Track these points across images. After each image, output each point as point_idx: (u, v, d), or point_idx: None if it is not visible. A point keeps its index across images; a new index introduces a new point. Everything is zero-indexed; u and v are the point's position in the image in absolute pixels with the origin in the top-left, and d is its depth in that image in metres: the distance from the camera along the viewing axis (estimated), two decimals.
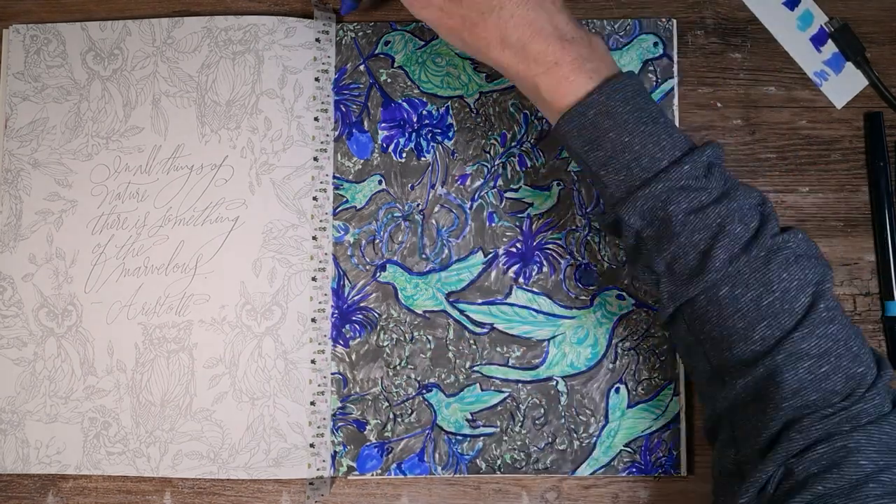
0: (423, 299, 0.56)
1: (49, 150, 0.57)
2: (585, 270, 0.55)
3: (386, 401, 0.55)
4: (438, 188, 0.56)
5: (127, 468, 0.54)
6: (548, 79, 0.40)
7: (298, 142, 0.56)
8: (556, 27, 0.41)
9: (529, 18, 0.40)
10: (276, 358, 0.54)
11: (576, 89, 0.40)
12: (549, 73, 0.40)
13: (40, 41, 0.57)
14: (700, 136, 0.57)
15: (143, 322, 0.55)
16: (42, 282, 0.56)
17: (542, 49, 0.40)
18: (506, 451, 0.54)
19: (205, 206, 0.56)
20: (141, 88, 0.57)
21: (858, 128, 0.57)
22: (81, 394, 0.55)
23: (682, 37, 0.57)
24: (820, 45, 0.57)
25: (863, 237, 0.56)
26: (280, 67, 0.56)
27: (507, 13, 0.40)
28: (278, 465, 0.54)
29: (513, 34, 0.40)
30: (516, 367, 0.55)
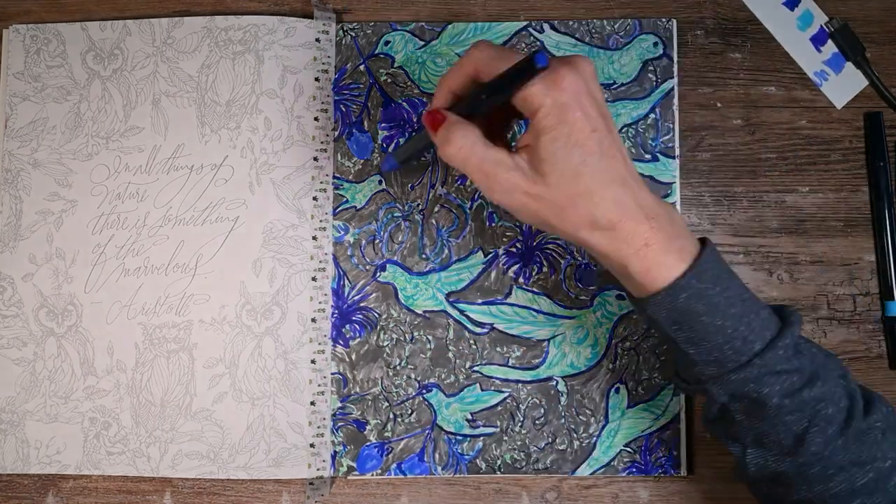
0: (423, 299, 0.56)
1: (49, 150, 0.57)
2: (585, 270, 0.55)
3: (386, 401, 0.55)
4: (438, 188, 0.56)
5: (127, 468, 0.54)
6: (638, 261, 0.40)
7: (298, 142, 0.56)
8: (641, 206, 0.40)
9: (618, 199, 0.39)
10: (276, 358, 0.54)
11: (667, 273, 0.40)
12: (639, 255, 0.40)
13: (40, 41, 0.57)
14: (700, 136, 0.57)
15: (143, 322, 0.55)
16: (42, 282, 0.56)
17: (632, 230, 0.39)
18: (506, 451, 0.55)
19: (205, 206, 0.56)
20: (141, 88, 0.57)
21: (858, 128, 0.57)
22: (81, 394, 0.55)
23: (682, 37, 0.57)
24: (820, 45, 0.57)
25: (863, 237, 0.56)
26: (280, 67, 0.56)
27: (597, 197, 0.39)
28: (278, 465, 0.54)
29: (602, 216, 0.39)
30: (516, 367, 0.55)
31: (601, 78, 0.56)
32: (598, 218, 0.39)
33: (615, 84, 0.56)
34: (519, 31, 0.57)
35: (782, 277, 0.56)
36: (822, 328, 0.56)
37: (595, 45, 0.57)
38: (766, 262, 0.56)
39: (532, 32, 0.57)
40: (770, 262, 0.56)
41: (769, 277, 0.56)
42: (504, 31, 0.57)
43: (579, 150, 0.38)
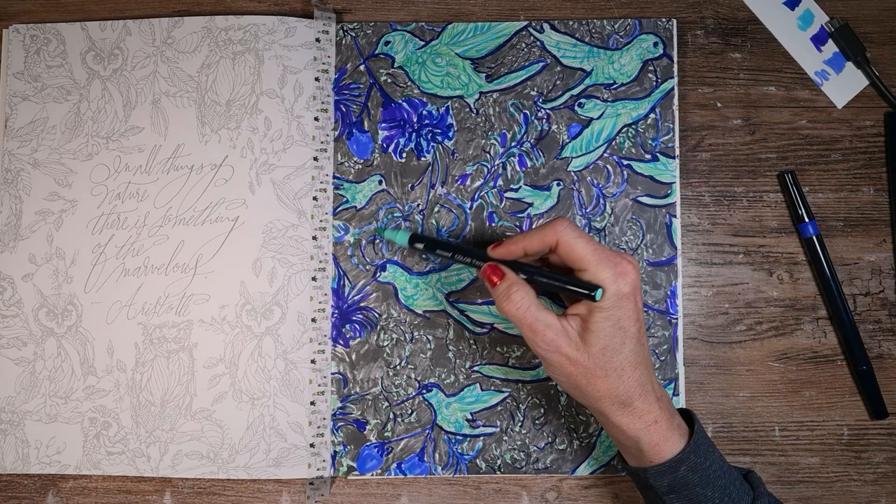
0: (423, 299, 0.56)
1: (49, 150, 0.57)
2: None
3: (386, 401, 0.55)
4: (438, 188, 0.56)
5: (127, 468, 0.54)
6: (648, 435, 0.45)
7: (298, 142, 0.56)
8: (654, 387, 0.46)
9: (640, 381, 0.45)
10: (276, 358, 0.54)
11: (671, 447, 0.45)
12: (649, 430, 0.45)
13: (40, 41, 0.57)
14: (700, 136, 0.57)
15: (143, 322, 0.55)
16: (42, 282, 0.56)
17: (646, 408, 0.45)
18: (506, 450, 0.54)
19: (205, 206, 0.56)
20: (141, 88, 0.57)
21: (859, 128, 0.57)
22: (81, 394, 0.55)
23: (682, 37, 0.57)
24: (820, 45, 0.57)
25: (862, 237, 0.56)
26: (280, 67, 0.56)
27: (626, 375, 0.45)
28: (278, 465, 0.54)
29: (625, 393, 0.45)
30: (516, 367, 0.55)
31: (602, 78, 0.56)
32: (621, 393, 0.45)
33: (615, 84, 0.56)
34: (519, 30, 0.57)
35: (782, 277, 0.56)
36: (822, 328, 0.56)
37: (595, 45, 0.57)
38: (766, 262, 0.56)
39: (532, 32, 0.57)
40: (770, 262, 0.56)
41: (769, 277, 0.56)
42: (504, 31, 0.57)
43: (623, 333, 0.45)
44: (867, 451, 0.55)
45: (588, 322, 0.45)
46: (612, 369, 0.45)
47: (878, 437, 0.55)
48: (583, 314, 0.45)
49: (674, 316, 0.55)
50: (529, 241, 0.47)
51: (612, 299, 0.44)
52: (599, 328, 0.44)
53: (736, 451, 0.55)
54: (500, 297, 0.46)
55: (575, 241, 0.45)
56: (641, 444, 0.45)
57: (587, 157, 0.56)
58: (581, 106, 0.56)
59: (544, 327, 0.45)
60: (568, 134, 0.56)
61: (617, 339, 0.44)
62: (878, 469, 0.55)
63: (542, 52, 0.57)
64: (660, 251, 0.55)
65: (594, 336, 0.44)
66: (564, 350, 0.45)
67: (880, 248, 0.56)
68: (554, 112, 0.56)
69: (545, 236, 0.46)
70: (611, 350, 0.44)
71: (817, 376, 0.56)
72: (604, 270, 0.45)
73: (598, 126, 0.56)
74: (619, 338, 0.45)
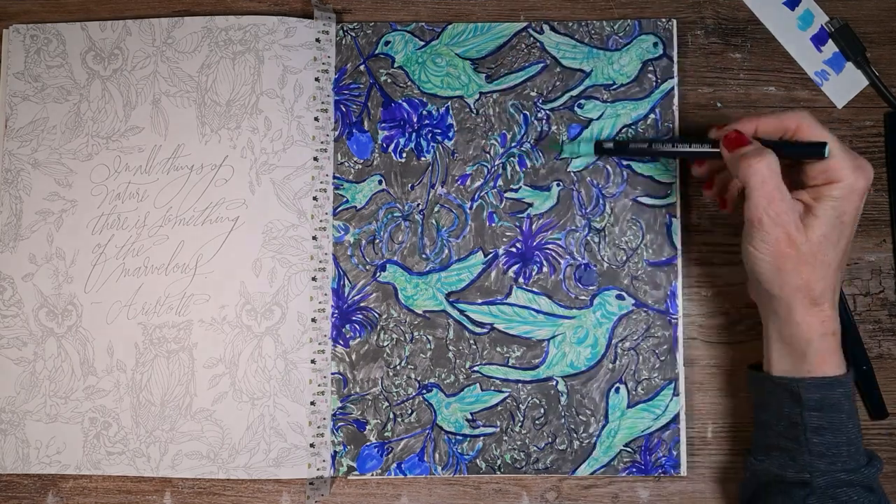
0: (423, 299, 0.56)
1: (49, 150, 0.57)
2: (585, 270, 0.55)
3: (386, 401, 0.55)
4: (438, 188, 0.56)
5: (127, 468, 0.54)
6: (822, 343, 0.45)
7: (298, 142, 0.56)
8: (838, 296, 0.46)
9: (836, 285, 0.46)
10: (276, 358, 0.54)
11: (836, 365, 0.46)
12: (824, 339, 0.45)
13: (40, 41, 0.57)
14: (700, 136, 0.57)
15: (143, 322, 0.55)
16: (42, 282, 0.56)
17: (831, 315, 0.46)
18: (506, 451, 0.55)
19: (205, 206, 0.56)
20: (141, 88, 0.57)
21: (859, 128, 0.57)
22: (81, 394, 0.55)
23: (682, 37, 0.57)
24: (820, 45, 0.57)
25: (862, 237, 0.56)
26: (280, 67, 0.56)
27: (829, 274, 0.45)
28: (278, 465, 0.54)
29: (821, 290, 0.45)
30: (516, 367, 0.55)
31: (601, 79, 0.56)
32: (819, 288, 0.45)
33: (615, 84, 0.56)
34: (519, 31, 0.57)
35: None
36: None
37: (595, 45, 0.57)
38: None
39: (532, 33, 0.57)
40: None
41: None
42: (504, 32, 0.57)
43: (843, 228, 0.45)
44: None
45: (812, 208, 0.44)
46: (821, 262, 0.44)
47: (878, 437, 0.55)
48: (806, 200, 0.45)
49: (674, 316, 0.55)
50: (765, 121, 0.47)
51: (844, 190, 0.44)
52: (824, 215, 0.44)
53: (736, 451, 0.55)
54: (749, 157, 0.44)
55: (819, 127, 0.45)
56: (810, 350, 0.45)
57: (587, 157, 0.56)
58: (581, 107, 0.56)
59: (781, 198, 0.44)
60: (568, 134, 0.56)
61: (836, 233, 0.44)
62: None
63: (541, 52, 0.57)
64: (660, 251, 0.55)
65: (817, 221, 0.44)
66: (789, 227, 0.44)
67: (880, 248, 0.56)
68: (554, 113, 0.56)
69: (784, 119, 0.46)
70: (828, 242, 0.44)
71: None
72: (844, 161, 0.44)
73: (597, 127, 0.56)
74: (837, 231, 0.44)
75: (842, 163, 0.45)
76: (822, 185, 0.45)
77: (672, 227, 0.55)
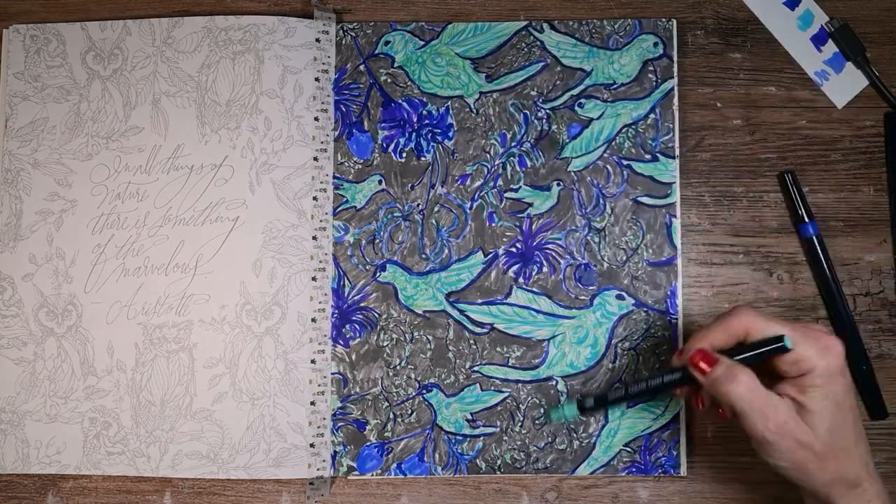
0: (423, 299, 0.56)
1: (49, 150, 0.57)
2: (585, 270, 0.55)
3: (386, 401, 0.55)
4: (438, 188, 0.56)
5: (127, 468, 0.54)
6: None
7: (298, 142, 0.56)
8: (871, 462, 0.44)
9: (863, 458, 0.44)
10: (276, 358, 0.54)
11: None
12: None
13: (40, 41, 0.57)
14: (700, 136, 0.57)
15: (143, 322, 0.55)
16: (42, 282, 0.56)
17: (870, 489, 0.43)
18: (506, 450, 0.55)
19: (205, 206, 0.56)
20: (141, 88, 0.57)
21: (859, 128, 0.57)
22: (81, 394, 0.55)
23: (682, 37, 0.57)
24: (820, 45, 0.57)
25: (862, 237, 0.56)
26: (280, 67, 0.56)
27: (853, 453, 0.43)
28: (278, 465, 0.54)
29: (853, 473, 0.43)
30: (516, 367, 0.55)
31: (602, 78, 0.56)
32: (850, 474, 0.43)
33: (615, 84, 0.56)
34: (519, 31, 0.57)
35: (782, 277, 0.56)
36: None
37: (595, 45, 0.57)
38: (766, 262, 0.56)
39: (532, 32, 0.57)
40: (770, 262, 0.56)
41: (769, 277, 0.56)
42: (504, 31, 0.57)
43: (844, 410, 0.43)
44: None
45: (804, 403, 0.42)
46: (841, 450, 0.43)
47: (878, 437, 0.55)
48: (794, 395, 0.43)
49: (674, 316, 0.55)
50: (714, 336, 0.44)
51: (824, 375, 0.42)
52: (820, 408, 0.42)
53: (736, 452, 0.55)
54: (723, 380, 0.43)
55: (766, 324, 0.43)
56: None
57: (587, 157, 0.56)
58: (581, 106, 0.56)
59: (775, 410, 0.42)
60: (568, 134, 0.56)
61: (840, 418, 0.42)
62: (879, 469, 0.55)
63: (542, 52, 0.57)
64: (660, 251, 0.55)
65: (817, 417, 0.42)
66: (796, 434, 0.42)
67: (880, 248, 0.56)
68: (554, 112, 0.56)
69: (730, 327, 0.44)
70: (837, 430, 0.42)
71: None
72: (807, 348, 0.42)
73: (598, 126, 0.56)
74: (841, 415, 0.42)
75: (807, 350, 0.42)
76: (799, 377, 0.43)
77: (672, 227, 0.55)
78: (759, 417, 0.42)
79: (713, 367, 0.43)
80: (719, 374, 0.43)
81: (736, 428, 0.55)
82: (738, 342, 0.44)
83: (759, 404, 0.42)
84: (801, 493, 0.47)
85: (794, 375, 0.43)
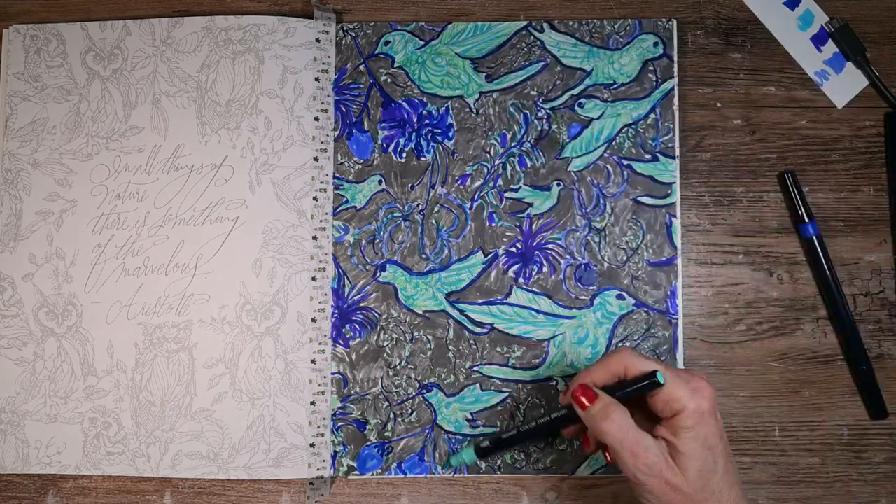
0: (423, 299, 0.56)
1: (49, 150, 0.57)
2: (585, 270, 0.55)
3: (386, 401, 0.55)
4: (438, 188, 0.56)
5: (127, 468, 0.54)
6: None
7: (298, 142, 0.56)
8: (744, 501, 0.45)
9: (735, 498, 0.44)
10: (276, 358, 0.54)
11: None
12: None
13: (40, 41, 0.57)
14: (700, 136, 0.57)
15: (143, 322, 0.55)
16: (42, 282, 0.56)
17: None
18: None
19: (205, 206, 0.56)
20: (141, 88, 0.57)
21: (859, 128, 0.57)
22: (81, 394, 0.55)
23: (682, 37, 0.57)
24: (820, 45, 0.57)
25: (862, 237, 0.56)
26: (280, 67, 0.56)
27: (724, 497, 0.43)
28: (278, 465, 0.54)
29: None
30: (516, 368, 0.55)
31: (602, 78, 0.56)
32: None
33: (615, 84, 0.56)
34: (519, 30, 0.57)
35: (782, 277, 0.56)
36: (822, 328, 0.56)
37: (595, 45, 0.57)
38: (766, 262, 0.56)
39: (532, 32, 0.57)
40: (770, 262, 0.56)
41: (769, 277, 0.56)
42: (504, 31, 0.57)
43: (714, 453, 0.43)
44: (867, 451, 0.55)
45: (675, 445, 0.43)
46: (711, 492, 0.43)
47: (878, 437, 0.55)
48: (667, 437, 0.44)
49: (674, 316, 0.55)
50: (595, 374, 0.46)
51: (694, 417, 0.43)
52: (690, 449, 0.43)
53: (736, 452, 0.55)
54: (598, 417, 0.44)
55: (643, 362, 0.45)
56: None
57: (587, 157, 0.56)
58: (581, 106, 0.56)
59: (645, 450, 0.43)
60: (568, 134, 0.56)
61: (710, 460, 0.43)
62: (878, 469, 0.55)
63: (542, 51, 0.57)
64: (660, 251, 0.55)
65: (687, 459, 0.43)
66: (665, 474, 0.43)
67: (880, 248, 0.56)
68: (554, 112, 0.56)
69: (610, 366, 0.45)
70: (706, 472, 0.43)
71: (817, 376, 0.56)
72: (679, 389, 0.43)
73: (598, 126, 0.56)
74: (711, 458, 0.43)
75: (678, 390, 0.43)
76: (671, 417, 0.44)
77: (672, 227, 0.55)
78: (629, 456, 0.43)
79: (593, 403, 0.44)
80: (596, 410, 0.44)
81: (735, 427, 0.55)
82: (618, 381, 0.45)
83: (630, 443, 0.43)
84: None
85: (667, 416, 0.44)
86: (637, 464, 0.43)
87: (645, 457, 0.43)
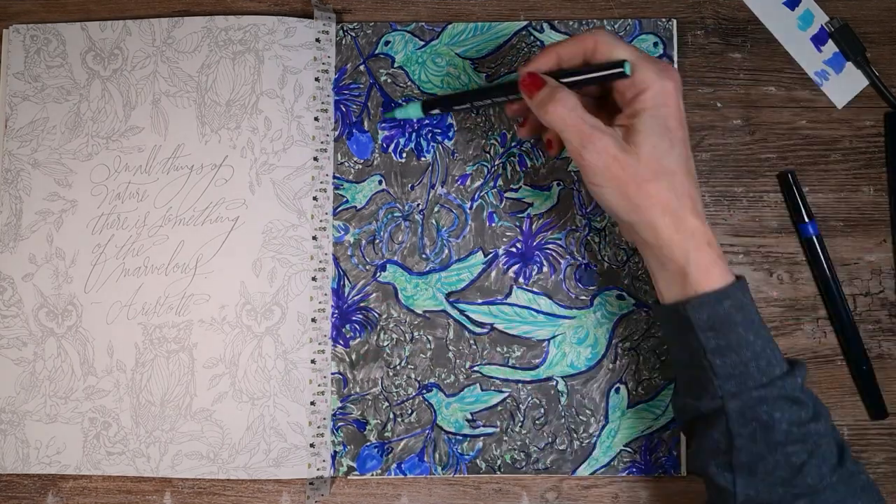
0: (423, 299, 0.56)
1: (49, 150, 0.57)
2: (585, 270, 0.55)
3: (386, 401, 0.55)
4: (438, 188, 0.56)
5: (127, 468, 0.54)
6: (699, 256, 0.42)
7: (298, 142, 0.56)
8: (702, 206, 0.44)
9: (692, 194, 0.43)
10: (276, 358, 0.54)
11: (720, 276, 0.42)
12: (700, 251, 0.42)
13: (40, 41, 0.57)
14: (700, 136, 0.57)
15: (143, 322, 0.55)
16: (42, 282, 0.56)
17: (698, 226, 0.43)
18: (506, 451, 0.55)
19: (205, 206, 0.56)
20: (141, 88, 0.57)
21: (859, 128, 0.57)
22: (81, 394, 0.55)
23: (682, 37, 0.57)
24: (820, 45, 0.57)
25: (862, 237, 0.56)
26: (280, 67, 0.56)
27: (678, 182, 0.42)
28: (278, 465, 0.54)
29: (676, 201, 0.42)
30: (516, 367, 0.55)
31: None
32: (673, 201, 0.42)
33: None
34: (519, 30, 0.57)
35: (782, 277, 0.56)
36: (821, 328, 0.56)
37: None
38: (766, 262, 0.56)
39: (532, 32, 0.57)
40: (770, 262, 0.56)
41: (769, 277, 0.56)
42: (504, 31, 0.57)
43: (671, 135, 0.42)
44: (867, 451, 0.55)
45: (635, 124, 0.42)
46: (664, 172, 0.42)
47: (878, 437, 0.55)
48: (625, 122, 0.43)
49: None
50: (564, 47, 0.44)
51: (657, 97, 0.42)
52: (647, 127, 0.42)
53: None
54: (545, 101, 0.43)
55: (615, 42, 0.43)
56: (689, 266, 0.42)
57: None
58: None
59: (591, 128, 0.42)
60: None
61: (665, 141, 0.42)
62: (878, 469, 0.55)
63: None
64: None
65: (642, 136, 0.42)
66: (613, 151, 0.42)
67: (880, 248, 0.56)
68: None
69: (583, 40, 0.44)
70: (660, 150, 0.42)
71: (817, 376, 0.56)
72: (647, 69, 0.42)
73: None
74: (667, 139, 0.42)
75: (645, 73, 0.42)
76: (633, 98, 0.43)
77: None
78: (576, 135, 0.42)
79: (540, 89, 0.43)
80: (542, 96, 0.43)
81: None
82: (585, 61, 0.44)
83: (575, 121, 0.42)
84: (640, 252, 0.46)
85: (630, 98, 0.43)
86: (584, 142, 0.42)
87: (590, 134, 0.42)
